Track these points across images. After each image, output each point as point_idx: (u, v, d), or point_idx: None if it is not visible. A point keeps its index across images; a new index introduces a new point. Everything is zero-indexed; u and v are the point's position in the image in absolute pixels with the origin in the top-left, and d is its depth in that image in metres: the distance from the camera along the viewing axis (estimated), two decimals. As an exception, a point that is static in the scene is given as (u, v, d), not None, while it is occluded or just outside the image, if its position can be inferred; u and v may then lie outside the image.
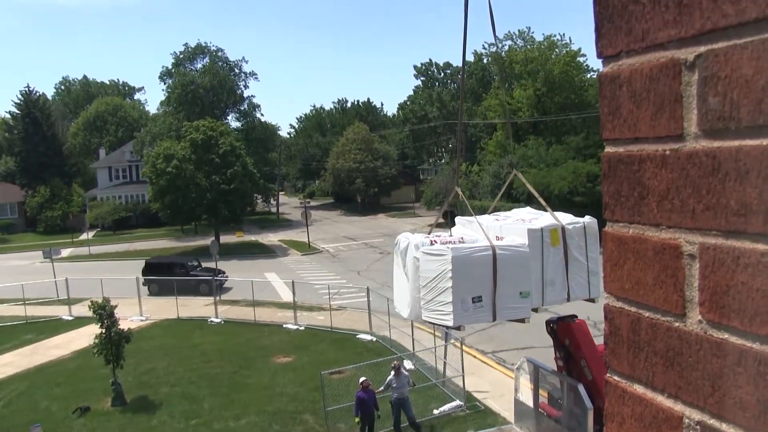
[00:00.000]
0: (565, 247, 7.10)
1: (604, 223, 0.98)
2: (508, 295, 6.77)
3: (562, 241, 7.09)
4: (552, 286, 7.08)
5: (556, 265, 7.06)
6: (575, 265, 7.09)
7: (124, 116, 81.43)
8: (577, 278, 7.11)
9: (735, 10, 0.73)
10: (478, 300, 6.64)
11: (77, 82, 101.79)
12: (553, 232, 7.07)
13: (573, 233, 7.13)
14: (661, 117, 0.84)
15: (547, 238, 7.05)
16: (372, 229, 56.88)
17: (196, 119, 53.02)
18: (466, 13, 6.74)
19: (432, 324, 7.30)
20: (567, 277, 7.10)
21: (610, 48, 0.91)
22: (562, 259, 7.10)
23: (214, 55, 65.60)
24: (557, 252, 7.07)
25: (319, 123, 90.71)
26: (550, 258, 7.04)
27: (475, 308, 6.63)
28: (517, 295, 6.84)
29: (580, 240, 7.14)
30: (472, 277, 6.63)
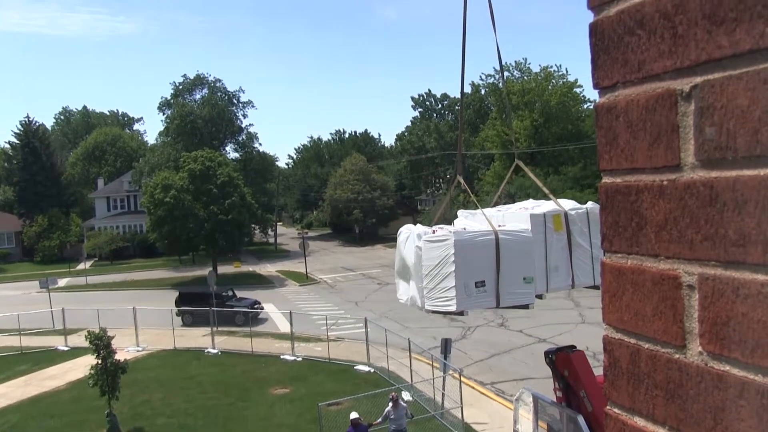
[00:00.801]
0: (569, 233, 7.04)
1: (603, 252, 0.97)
2: (512, 281, 6.70)
3: (565, 227, 7.02)
4: (556, 272, 7.01)
5: (559, 250, 7.00)
6: (579, 251, 7.02)
7: (122, 146, 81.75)
8: (581, 264, 7.04)
9: (729, 41, 0.74)
10: (481, 285, 6.56)
11: (77, 113, 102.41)
12: (556, 217, 7.02)
13: (576, 219, 7.06)
14: (658, 147, 0.84)
15: (550, 223, 6.99)
16: (370, 259, 56.77)
17: (195, 150, 53.23)
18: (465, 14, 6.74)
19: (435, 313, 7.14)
20: (571, 263, 7.03)
21: (606, 79, 0.92)
22: (566, 245, 7.03)
23: (213, 85, 66.14)
24: (560, 237, 7.02)
25: (317, 154, 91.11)
26: (553, 244, 6.98)
27: (479, 293, 6.56)
28: (521, 281, 6.77)
29: (584, 226, 7.07)
30: (474, 261, 6.55)
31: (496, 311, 32.10)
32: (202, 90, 66.17)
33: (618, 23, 0.89)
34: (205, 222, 47.04)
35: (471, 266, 6.52)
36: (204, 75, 66.05)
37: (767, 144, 0.71)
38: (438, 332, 25.46)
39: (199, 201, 47.54)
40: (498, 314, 31.40)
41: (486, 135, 58.82)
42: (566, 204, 7.34)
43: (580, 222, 7.04)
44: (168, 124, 63.83)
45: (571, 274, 7.00)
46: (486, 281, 6.57)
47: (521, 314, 30.66)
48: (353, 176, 67.96)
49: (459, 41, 7.21)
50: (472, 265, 6.53)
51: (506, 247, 6.64)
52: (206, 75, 66.21)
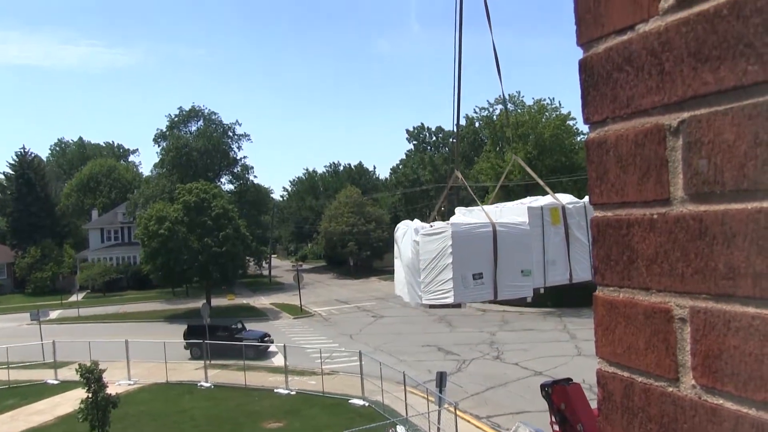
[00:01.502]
0: (566, 227, 7.01)
1: (595, 287, 0.98)
2: (510, 273, 6.65)
3: (562, 221, 7.00)
4: (554, 265, 6.94)
5: (557, 244, 6.96)
6: (577, 245, 6.98)
7: (117, 178, 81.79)
8: (579, 258, 6.99)
9: (714, 78, 0.75)
10: (478, 276, 6.51)
11: (73, 144, 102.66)
12: (553, 210, 7.00)
13: (573, 212, 7.04)
14: (648, 181, 0.85)
15: (547, 216, 6.96)
16: (364, 292, 56.53)
17: (190, 181, 53.29)
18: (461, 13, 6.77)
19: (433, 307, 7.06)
20: (569, 257, 6.98)
21: (596, 114, 0.93)
22: (563, 239, 6.99)
23: (208, 118, 66.47)
24: (558, 231, 6.98)
25: (311, 186, 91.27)
26: (550, 237, 6.94)
27: (476, 285, 6.51)
28: (519, 273, 6.71)
29: (581, 219, 7.03)
30: (472, 253, 6.52)
31: (492, 344, 31.94)
32: (198, 122, 66.52)
33: (607, 60, 0.90)
34: (199, 254, 46.88)
35: (468, 258, 6.49)
36: (199, 107, 66.45)
37: (754, 178, 0.72)
38: (433, 365, 25.27)
39: (194, 233, 47.44)
40: (493, 347, 31.24)
41: (480, 167, 59.08)
42: (564, 198, 7.34)
43: (578, 216, 7.02)
44: (163, 155, 63.96)
45: (569, 268, 6.96)
46: (483, 273, 6.53)
47: (516, 347, 30.53)
48: (348, 209, 68.03)
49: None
50: (469, 257, 6.50)
51: (504, 239, 6.62)
52: (202, 107, 66.61)
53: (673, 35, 0.80)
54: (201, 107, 66.50)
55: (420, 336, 34.61)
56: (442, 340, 33.27)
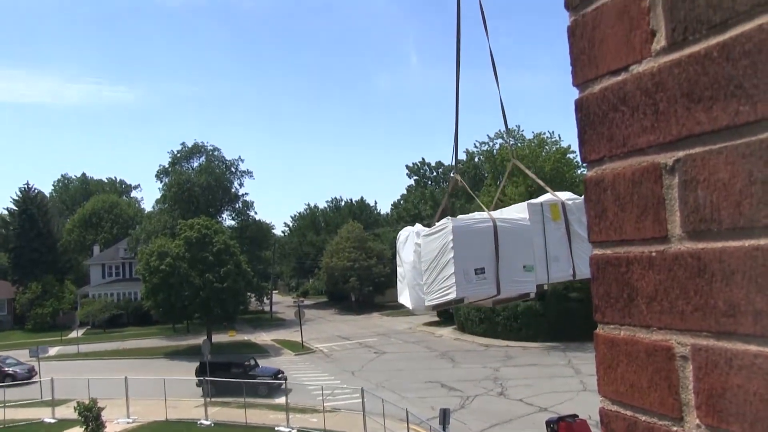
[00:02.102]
0: (567, 223, 6.96)
1: (596, 325, 0.98)
2: (512, 268, 6.58)
3: (563, 217, 6.96)
4: (556, 261, 6.87)
5: (558, 240, 6.89)
6: (578, 240, 6.89)
7: (119, 213, 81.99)
8: (581, 254, 6.87)
9: (707, 117, 0.77)
10: (480, 272, 6.42)
11: (76, 180, 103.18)
12: (553, 206, 6.95)
13: (573, 208, 6.98)
14: (646, 219, 0.86)
15: (548, 212, 6.92)
16: (366, 328, 56.17)
17: (191, 217, 53.40)
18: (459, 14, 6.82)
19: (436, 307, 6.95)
20: (571, 253, 6.88)
21: (593, 153, 0.94)
22: (564, 234, 6.93)
23: (210, 154, 66.82)
24: (559, 227, 6.94)
25: (313, 221, 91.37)
26: (552, 233, 6.89)
27: (479, 280, 6.41)
28: (521, 269, 6.64)
29: (581, 216, 6.88)
30: (473, 248, 6.46)
31: (496, 380, 31.61)
32: (200, 158, 66.86)
33: (602, 100, 0.92)
34: (200, 290, 46.73)
35: (470, 252, 6.44)
36: (202, 143, 66.87)
37: (750, 216, 0.73)
38: (436, 402, 24.96)
39: (195, 269, 47.35)
40: (497, 383, 30.91)
41: (482, 201, 59.13)
42: (563, 195, 7.32)
43: (578, 212, 6.94)
44: (165, 191, 64.19)
45: (572, 264, 6.87)
46: (486, 268, 6.47)
47: (520, 382, 30.20)
48: (349, 244, 67.95)
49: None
50: (470, 252, 6.45)
51: (504, 235, 6.59)
52: (204, 143, 67.04)
53: (666, 76, 0.82)
54: (203, 143, 66.99)
55: (422, 372, 34.28)
56: (445, 376, 32.94)
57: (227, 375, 30.48)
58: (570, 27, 0.98)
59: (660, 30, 0.83)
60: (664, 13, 0.82)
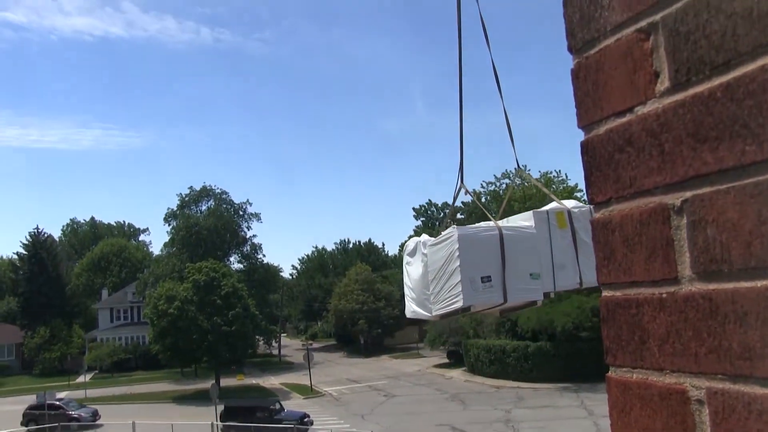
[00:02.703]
0: (573, 231, 6.89)
1: (607, 368, 0.96)
2: (518, 276, 6.50)
3: (569, 225, 6.89)
4: (562, 269, 6.78)
5: (564, 248, 6.82)
6: (585, 248, 6.79)
7: (128, 257, 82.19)
8: (588, 262, 6.74)
9: (714, 158, 0.76)
10: (487, 280, 6.37)
11: (85, 224, 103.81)
12: (559, 214, 6.89)
13: (579, 216, 6.92)
14: (655, 261, 0.85)
15: (553, 220, 6.87)
16: (375, 371, 55.56)
17: (199, 260, 53.44)
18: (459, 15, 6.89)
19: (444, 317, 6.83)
20: (578, 260, 6.79)
21: (600, 195, 0.94)
22: (571, 243, 6.85)
23: (219, 197, 67.20)
24: (565, 235, 6.87)
25: (321, 264, 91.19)
26: (558, 241, 6.82)
27: (485, 288, 6.36)
28: (528, 277, 6.56)
29: (586, 223, 6.79)
30: (479, 256, 6.43)
31: (508, 422, 31.05)
32: (208, 201, 67.24)
33: (608, 141, 0.92)
34: (208, 333, 46.50)
35: (476, 260, 6.41)
36: (210, 187, 67.31)
37: (761, 256, 0.72)
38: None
39: (203, 312, 47.21)
40: (509, 425, 30.38)
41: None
42: (569, 203, 7.27)
43: (584, 219, 6.90)
44: (173, 234, 64.41)
45: (579, 272, 6.78)
46: (492, 276, 6.42)
47: (533, 425, 29.69)
48: (358, 286, 67.66)
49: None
50: (476, 260, 6.42)
51: (510, 242, 6.55)
52: (212, 187, 67.48)
53: (671, 117, 0.82)
54: (211, 186, 67.45)
55: (433, 415, 33.75)
56: (456, 419, 32.40)
57: (252, 419, 29.86)
58: (574, 69, 0.99)
59: (663, 71, 0.84)
60: (666, 54, 0.83)
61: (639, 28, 0.87)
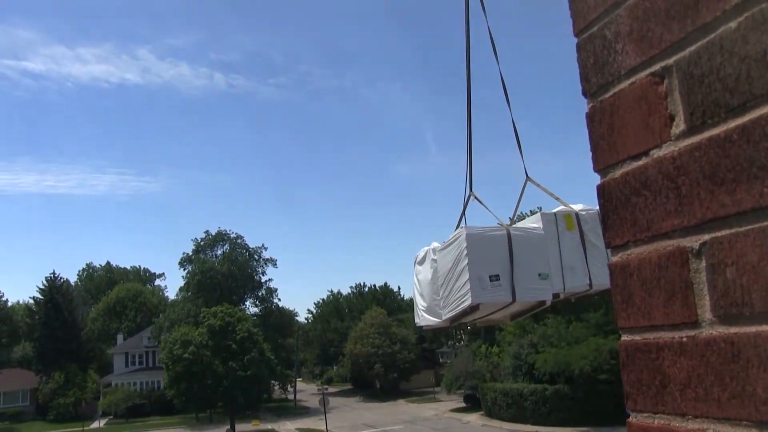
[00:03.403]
0: (581, 233, 6.93)
1: (627, 412, 0.94)
2: (527, 276, 6.54)
3: (577, 227, 6.93)
4: (572, 271, 6.77)
5: (573, 249, 6.84)
6: (593, 251, 6.85)
7: (143, 302, 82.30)
8: (597, 264, 6.81)
9: (732, 200, 0.76)
10: (495, 278, 6.41)
11: (101, 268, 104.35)
12: (567, 216, 6.94)
13: (587, 218, 6.97)
14: (674, 304, 0.84)
15: (561, 222, 6.91)
16: (392, 415, 54.70)
17: (215, 305, 53.42)
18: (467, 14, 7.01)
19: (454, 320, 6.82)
20: (587, 262, 6.82)
21: (617, 238, 0.94)
22: (579, 244, 6.88)
23: (234, 242, 67.43)
24: (573, 236, 6.90)
25: (336, 308, 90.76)
26: (566, 242, 6.84)
27: (493, 286, 6.39)
28: (536, 276, 6.59)
29: (596, 226, 6.90)
30: (487, 255, 6.49)
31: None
32: (224, 246, 67.46)
33: (624, 185, 0.92)
34: (223, 378, 46.21)
35: (484, 259, 6.48)
36: (225, 231, 67.64)
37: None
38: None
39: (218, 357, 47.01)
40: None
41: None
42: (577, 206, 7.28)
43: (592, 222, 6.94)
44: (189, 279, 64.55)
45: (588, 274, 6.81)
46: (500, 275, 6.47)
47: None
48: (373, 330, 67.12)
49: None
50: (485, 258, 6.48)
51: (518, 243, 6.62)
52: (228, 231, 67.79)
53: (687, 159, 0.82)
54: (227, 231, 67.77)
55: (450, 463, 33.05)
56: (474, 467, 31.70)
57: None
58: (588, 113, 0.99)
59: (678, 114, 0.84)
60: (681, 97, 0.84)
61: (653, 72, 0.88)
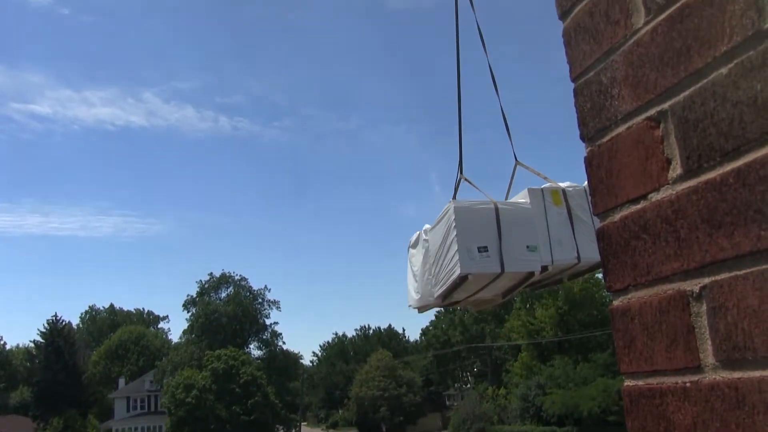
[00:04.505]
0: (569, 208, 7.18)
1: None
2: (515, 248, 6.78)
3: (564, 202, 7.18)
4: (560, 244, 7.01)
5: (560, 224, 7.08)
6: (581, 225, 7.11)
7: (146, 345, 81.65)
8: (584, 238, 7.05)
9: (730, 243, 0.76)
10: (484, 249, 6.64)
11: (104, 311, 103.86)
12: (554, 192, 7.17)
13: (574, 194, 7.21)
14: (677, 349, 0.84)
15: (549, 198, 7.13)
16: (397, 460, 53.70)
17: (218, 348, 53.02)
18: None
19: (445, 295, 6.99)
20: (574, 237, 7.06)
21: (618, 282, 0.94)
22: (567, 219, 7.13)
23: (238, 284, 67.23)
24: (561, 211, 7.15)
25: (341, 351, 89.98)
26: (554, 217, 7.10)
27: (482, 257, 6.63)
28: (524, 248, 6.82)
29: (583, 202, 7.19)
30: (475, 227, 6.75)
31: None
32: (228, 288, 67.23)
33: (623, 228, 0.92)
34: (227, 423, 45.61)
35: (472, 231, 6.73)
36: (229, 273, 67.45)
37: (786, 344, 0.71)
38: None
39: (222, 401, 46.44)
40: None
41: (512, 325, 58.25)
42: (563, 184, 7.49)
43: (579, 198, 7.21)
44: (192, 322, 64.17)
45: (576, 248, 7.05)
46: (489, 247, 6.70)
47: None
48: (379, 373, 66.40)
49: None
50: (473, 231, 6.73)
51: (506, 215, 6.88)
52: (232, 273, 67.60)
53: (685, 203, 0.83)
54: (231, 273, 67.56)
55: None
56: None
57: None
58: (587, 158, 1.00)
59: (675, 158, 0.85)
60: (677, 141, 0.85)
61: (649, 117, 0.89)
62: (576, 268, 7.27)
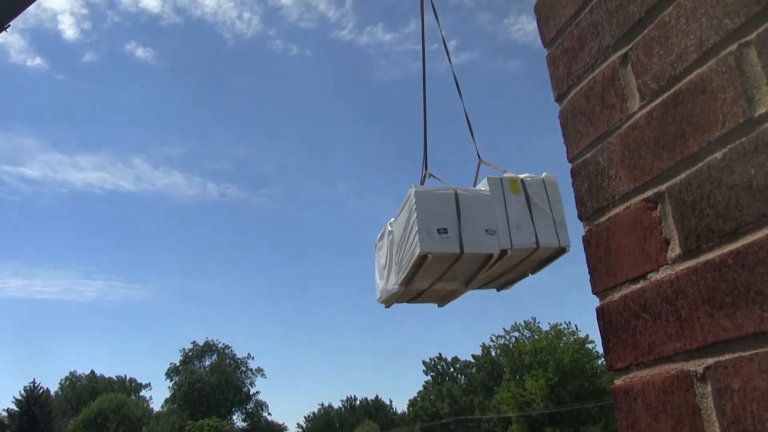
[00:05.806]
0: (527, 196, 7.51)
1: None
2: (474, 230, 7.08)
3: (522, 190, 7.51)
4: (518, 229, 7.32)
5: (519, 210, 7.42)
6: (539, 212, 7.46)
7: (126, 414, 78.96)
8: (542, 225, 7.43)
9: (732, 324, 0.76)
10: (443, 231, 6.94)
11: (84, 377, 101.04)
12: (512, 181, 7.53)
13: (532, 184, 7.57)
14: (682, 431, 0.83)
15: (507, 186, 7.47)
16: None
17: (201, 417, 51.62)
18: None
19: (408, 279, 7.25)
20: (533, 223, 7.40)
21: (619, 361, 0.93)
22: (525, 206, 7.46)
23: (222, 352, 66.12)
24: (519, 199, 7.47)
25: (327, 422, 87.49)
26: (512, 204, 7.43)
27: (442, 238, 6.92)
28: (483, 232, 7.13)
29: (540, 191, 7.58)
30: (435, 210, 7.05)
31: None
32: (212, 356, 66.05)
33: (623, 308, 0.93)
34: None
35: (432, 214, 7.02)
36: (213, 341, 66.47)
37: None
38: None
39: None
40: None
41: (501, 397, 57.21)
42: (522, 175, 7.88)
43: (537, 187, 7.57)
44: (175, 390, 62.71)
45: (534, 233, 7.37)
46: (448, 229, 6.99)
47: None
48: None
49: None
50: (433, 213, 7.03)
51: (466, 200, 7.17)
52: (215, 341, 66.61)
53: (685, 283, 0.83)
54: (214, 341, 66.60)
55: None
56: None
57: None
58: (585, 237, 1.02)
59: (673, 238, 0.86)
60: (675, 222, 0.86)
61: (646, 198, 0.91)
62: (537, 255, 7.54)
